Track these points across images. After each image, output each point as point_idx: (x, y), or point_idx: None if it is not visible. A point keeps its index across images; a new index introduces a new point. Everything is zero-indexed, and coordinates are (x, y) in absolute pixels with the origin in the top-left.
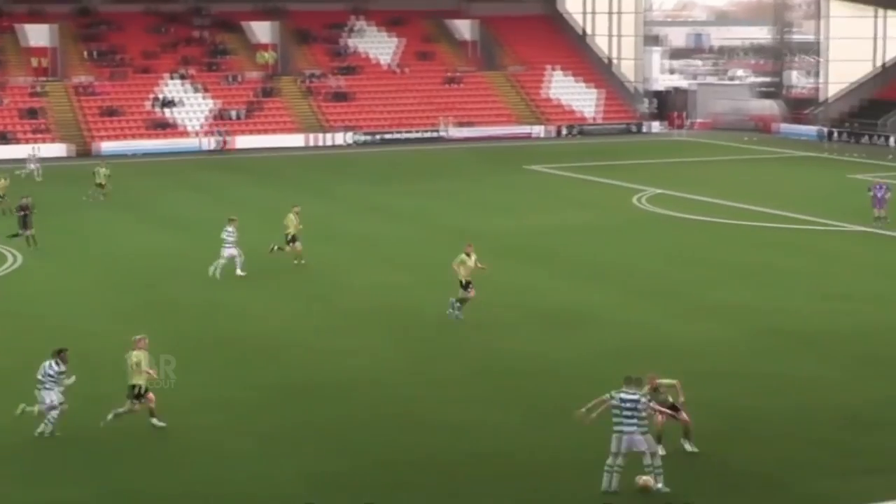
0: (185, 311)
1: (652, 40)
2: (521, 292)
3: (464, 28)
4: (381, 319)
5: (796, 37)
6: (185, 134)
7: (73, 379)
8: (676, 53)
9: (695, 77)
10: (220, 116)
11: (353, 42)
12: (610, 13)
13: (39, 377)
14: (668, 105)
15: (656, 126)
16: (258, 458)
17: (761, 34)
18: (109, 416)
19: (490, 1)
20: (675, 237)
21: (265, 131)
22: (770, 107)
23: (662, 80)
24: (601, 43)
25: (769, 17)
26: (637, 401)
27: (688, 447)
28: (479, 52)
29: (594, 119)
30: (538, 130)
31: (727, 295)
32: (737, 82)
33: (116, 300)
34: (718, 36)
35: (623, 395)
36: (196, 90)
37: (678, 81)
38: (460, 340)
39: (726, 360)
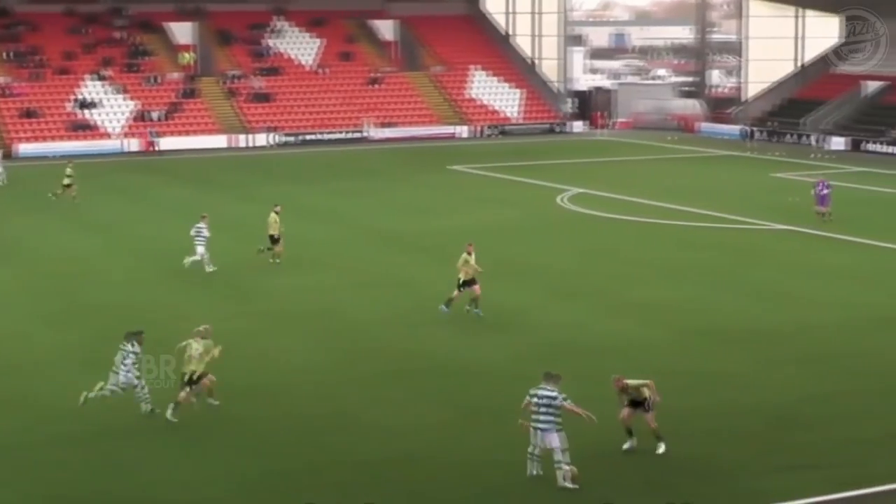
0: (109, 313)
1: (574, 40)
2: (445, 293)
3: (385, 28)
4: (307, 321)
5: (717, 36)
6: (105, 135)
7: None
8: (598, 53)
9: (617, 77)
10: (140, 118)
11: (275, 43)
12: (532, 13)
13: (117, 360)
14: (590, 105)
15: (578, 126)
16: (186, 461)
17: (683, 34)
18: (168, 412)
19: (412, 1)
20: (599, 236)
21: (187, 132)
22: (692, 106)
23: (585, 80)
24: (523, 43)
25: (690, 16)
26: (553, 398)
27: (660, 450)
28: (401, 53)
29: (517, 119)
30: (461, 130)
31: (651, 293)
32: (659, 82)
33: (38, 303)
34: (640, 36)
35: (540, 392)
36: (116, 91)
37: (600, 81)
38: (387, 341)
39: (651, 359)
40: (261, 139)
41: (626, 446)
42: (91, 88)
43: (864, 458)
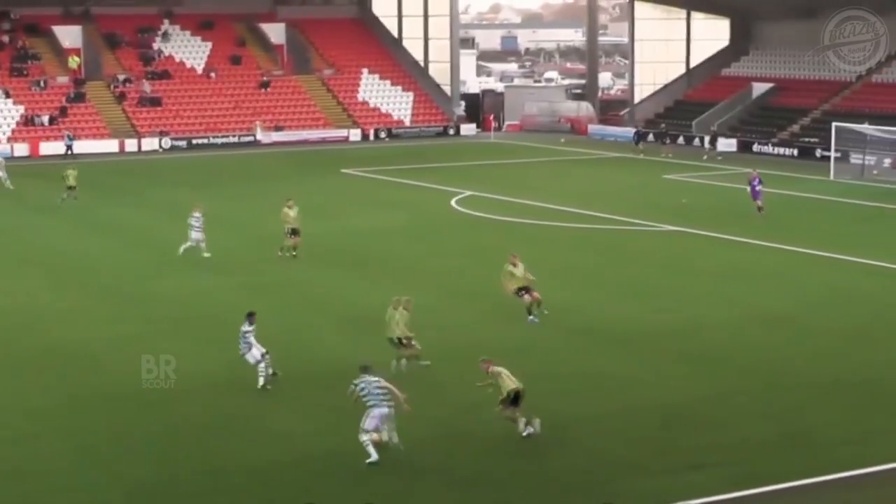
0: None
1: (464, 43)
2: (332, 296)
3: (274, 32)
4: (195, 325)
5: (607, 39)
6: None
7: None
8: (488, 56)
9: (508, 80)
10: (28, 122)
11: (164, 46)
12: (423, 16)
13: (241, 342)
14: (480, 108)
15: (469, 129)
16: (78, 468)
17: (572, 36)
18: (403, 362)
19: (300, 4)
20: (489, 238)
21: (76, 137)
22: (583, 108)
23: (475, 84)
24: (413, 46)
25: (579, 19)
26: (379, 381)
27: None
28: (291, 56)
29: (408, 122)
30: (353, 134)
31: (539, 294)
32: (549, 84)
33: None
34: (530, 38)
35: (369, 379)
36: (2, 95)
37: (491, 84)
38: (275, 347)
39: (542, 361)
40: (151, 143)
41: (525, 432)
42: None
43: (759, 457)
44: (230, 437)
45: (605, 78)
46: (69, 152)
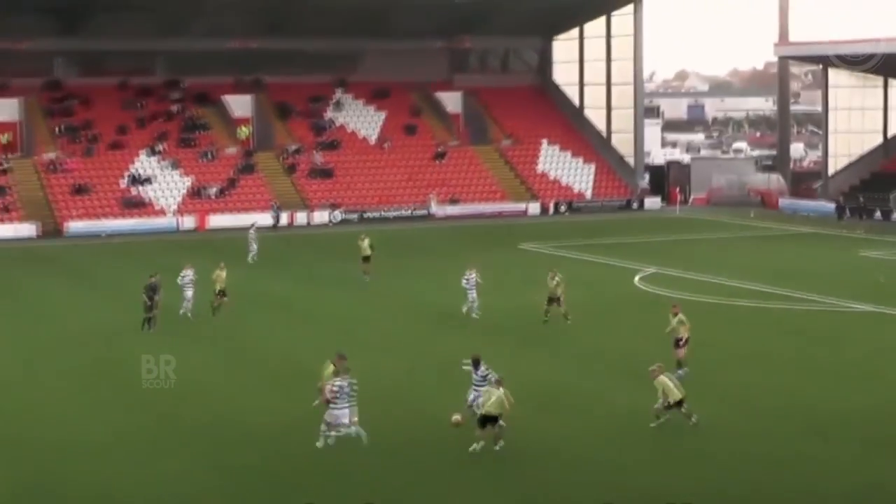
0: None
1: (649, 112)
2: (516, 374)
3: (451, 100)
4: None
5: (799, 107)
6: (160, 212)
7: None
8: (674, 126)
9: (698, 150)
10: (196, 194)
11: (336, 116)
12: (606, 85)
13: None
14: (665, 180)
15: (653, 202)
16: None
17: (762, 105)
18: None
19: (478, 73)
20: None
21: (242, 209)
22: (773, 181)
23: (660, 154)
24: (596, 116)
25: (770, 87)
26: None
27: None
28: (468, 126)
29: (589, 195)
30: (532, 207)
31: (733, 377)
32: (739, 156)
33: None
34: (717, 107)
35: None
36: (171, 166)
37: (676, 155)
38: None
39: (732, 444)
40: (321, 216)
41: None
42: (145, 163)
43: None
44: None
45: (797, 149)
46: (276, 224)
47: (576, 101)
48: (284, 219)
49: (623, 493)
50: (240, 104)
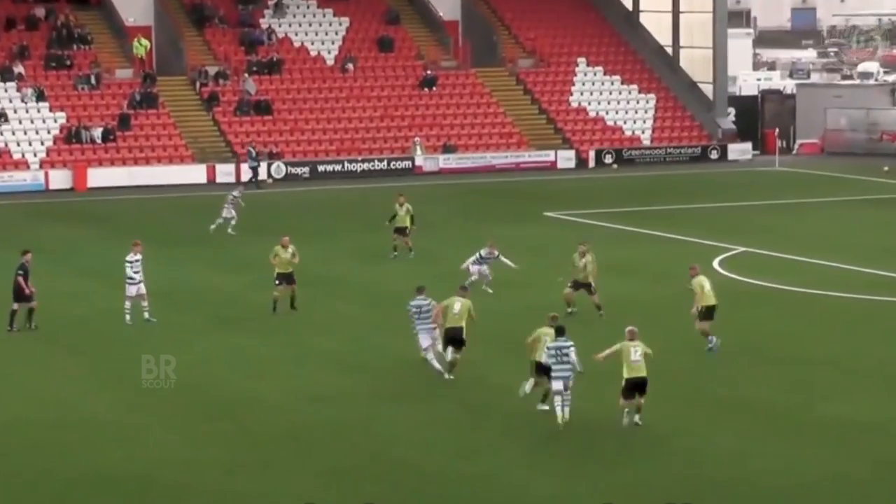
0: None
1: (735, 18)
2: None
3: (445, 3)
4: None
5: None
6: (18, 165)
7: None
8: (772, 38)
9: (807, 74)
10: (72, 138)
11: (276, 24)
12: None
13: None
14: (760, 119)
15: (742, 150)
16: None
17: None
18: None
19: None
20: (771, 321)
21: (140, 160)
22: None
23: (751, 82)
24: (658, 23)
25: None
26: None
27: None
28: (470, 40)
29: (647, 141)
30: (564, 158)
31: (845, 409)
32: (867, 82)
33: None
34: (835, 12)
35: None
36: (35, 97)
37: (775, 81)
38: None
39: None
40: (258, 170)
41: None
42: None
43: None
44: None
45: None
46: (255, 178)
47: (628, 3)
48: (264, 171)
49: None
50: (135, 6)
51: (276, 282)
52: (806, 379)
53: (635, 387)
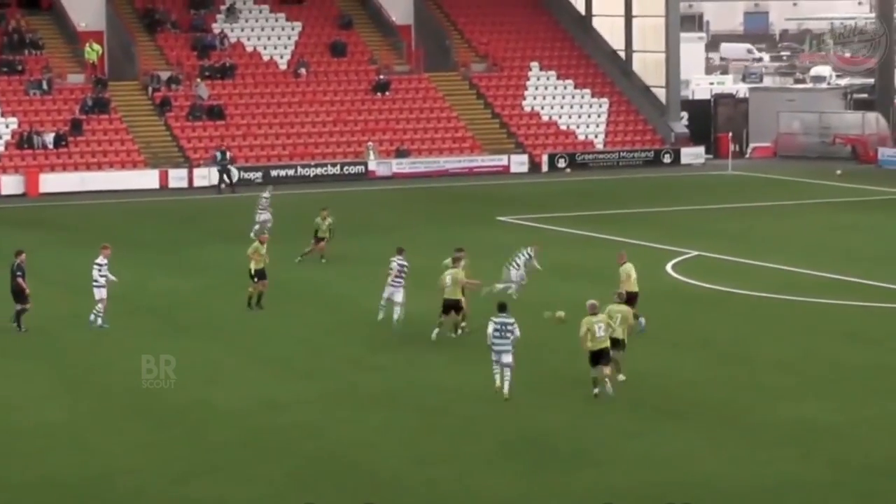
0: None
1: (688, 22)
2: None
3: (398, 7)
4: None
5: None
6: None
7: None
8: (724, 42)
9: (760, 78)
10: (24, 144)
11: (229, 28)
12: None
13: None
14: (713, 123)
15: (694, 154)
16: None
17: (854, 10)
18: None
19: None
20: (724, 324)
21: (90, 166)
22: (870, 123)
23: (706, 86)
24: (610, 28)
25: None
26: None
27: None
28: (422, 44)
29: (600, 145)
30: (517, 162)
31: (803, 411)
32: (820, 86)
33: None
34: (788, 15)
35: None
36: None
37: (728, 85)
38: None
39: None
40: (209, 177)
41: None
42: None
43: None
44: None
45: None
46: (224, 183)
47: (581, 7)
48: (235, 174)
49: None
50: (87, 10)
51: (255, 278)
52: (759, 381)
53: (597, 357)
